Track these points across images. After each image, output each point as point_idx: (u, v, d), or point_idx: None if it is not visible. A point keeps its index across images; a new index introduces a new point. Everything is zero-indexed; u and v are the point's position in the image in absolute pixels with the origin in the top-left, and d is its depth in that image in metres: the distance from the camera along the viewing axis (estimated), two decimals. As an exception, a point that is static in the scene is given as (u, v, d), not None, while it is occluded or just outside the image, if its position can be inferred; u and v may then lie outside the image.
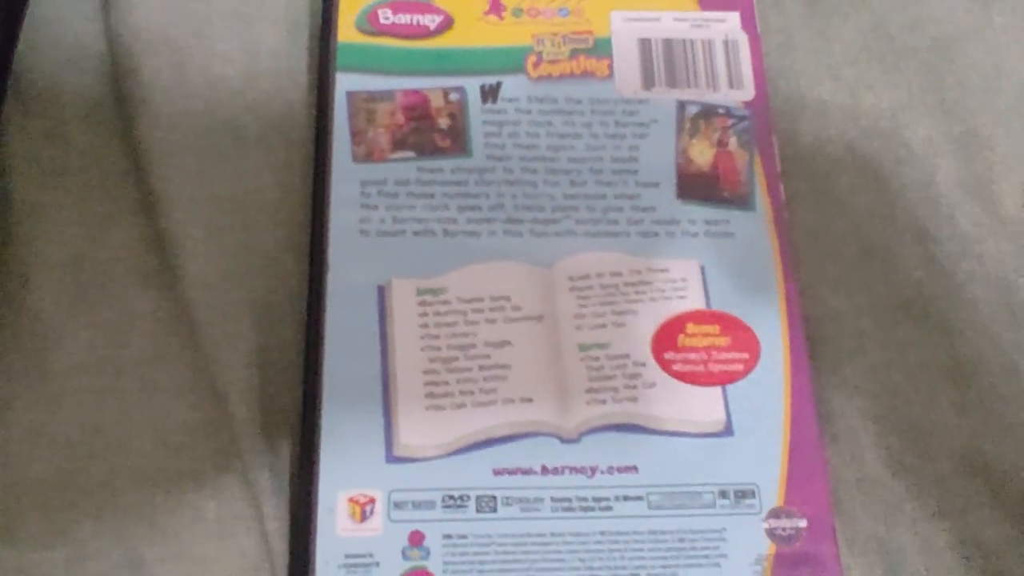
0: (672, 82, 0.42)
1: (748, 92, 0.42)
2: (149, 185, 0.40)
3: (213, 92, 0.42)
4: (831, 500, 0.37)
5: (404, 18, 0.43)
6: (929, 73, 0.44)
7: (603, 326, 0.39)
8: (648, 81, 0.42)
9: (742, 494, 0.37)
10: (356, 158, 0.41)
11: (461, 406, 0.37)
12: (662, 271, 0.40)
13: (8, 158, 0.41)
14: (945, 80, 0.44)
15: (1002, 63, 0.44)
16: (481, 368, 0.38)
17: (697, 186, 0.41)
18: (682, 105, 0.42)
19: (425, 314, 0.39)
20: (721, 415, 0.38)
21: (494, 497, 0.36)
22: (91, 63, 0.42)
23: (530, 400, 0.38)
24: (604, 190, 0.41)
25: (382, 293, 0.39)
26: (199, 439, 0.38)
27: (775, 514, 0.37)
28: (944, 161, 0.43)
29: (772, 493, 0.37)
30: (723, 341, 0.39)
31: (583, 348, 0.39)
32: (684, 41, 0.43)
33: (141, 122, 0.41)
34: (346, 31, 0.43)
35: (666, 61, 0.43)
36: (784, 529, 0.36)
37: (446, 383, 0.38)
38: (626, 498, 0.37)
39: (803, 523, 0.36)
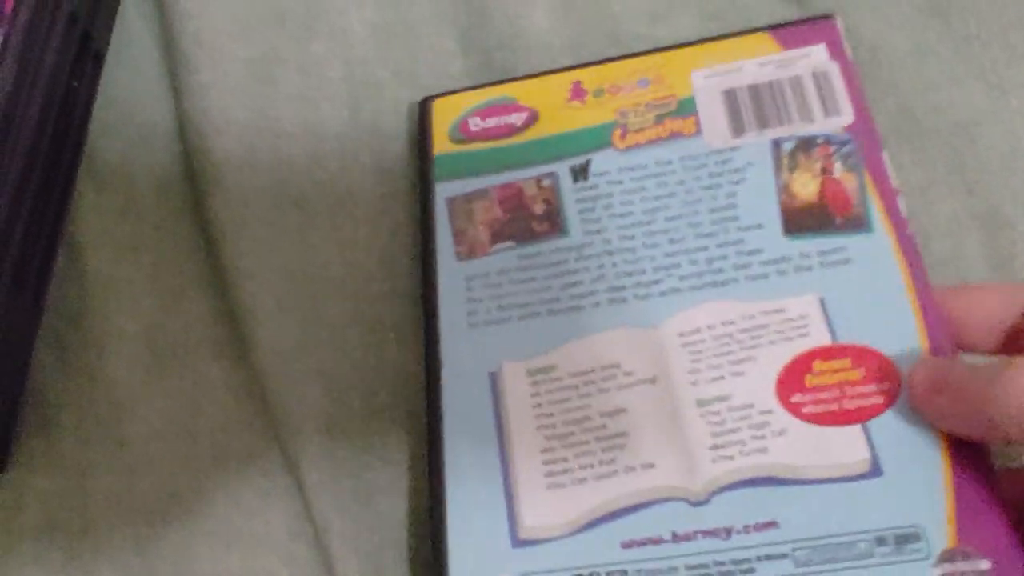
0: (763, 124, 0.41)
1: (847, 117, 0.41)
2: (220, 259, 0.42)
3: (280, 170, 0.44)
4: (1015, 532, 0.32)
5: (492, 121, 0.45)
6: (952, 154, 0.45)
7: (721, 378, 0.37)
8: (737, 129, 0.41)
9: (903, 539, 0.32)
10: (460, 257, 0.42)
11: (582, 481, 0.36)
12: (777, 312, 0.37)
13: (83, 233, 0.43)
14: (967, 161, 0.45)
15: (1019, 144, 0.45)
16: (598, 440, 0.37)
17: (805, 219, 0.39)
18: (777, 143, 0.41)
19: (537, 393, 0.38)
20: (865, 454, 0.34)
21: (625, 572, 0.34)
22: (162, 142, 0.45)
23: (652, 465, 0.36)
24: (705, 242, 0.39)
25: (494, 379, 0.39)
26: (272, 504, 0.39)
27: (948, 557, 0.32)
28: (969, 237, 0.43)
29: (940, 533, 0.32)
30: (856, 374, 0.35)
31: (702, 403, 0.36)
32: (770, 83, 0.42)
33: (213, 199, 0.43)
34: (441, 144, 0.44)
35: (754, 106, 0.42)
36: (963, 574, 0.32)
37: (564, 459, 0.37)
38: (768, 557, 0.33)
39: (985, 564, 0.32)
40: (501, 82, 0.45)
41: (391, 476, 0.40)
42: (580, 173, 0.42)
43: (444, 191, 0.43)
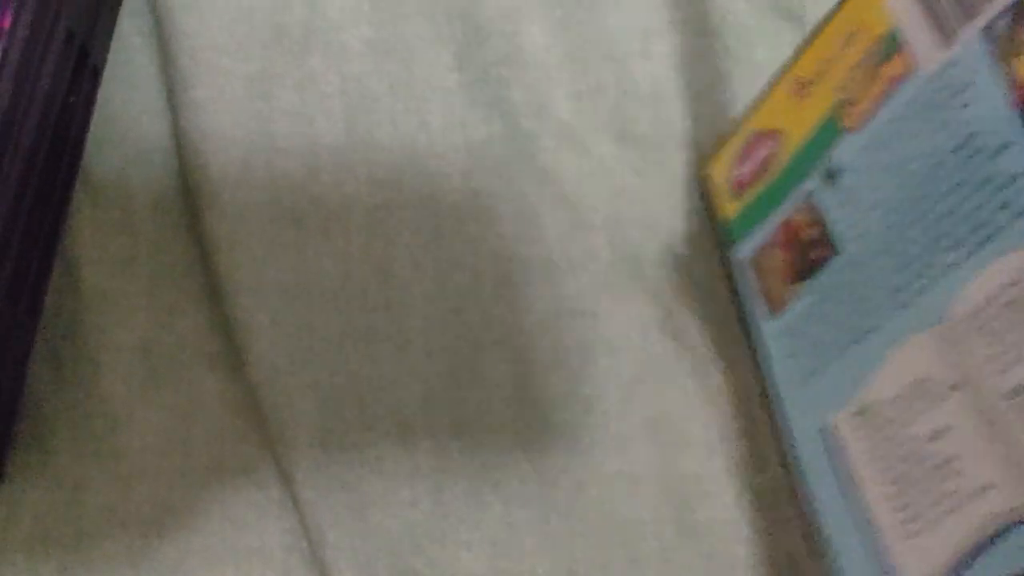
0: (968, 12, 0.31)
1: None
2: (216, 273, 0.42)
3: (276, 186, 0.44)
4: None
5: (750, 163, 0.42)
6: None
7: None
8: (945, 34, 0.32)
9: None
10: (768, 317, 0.41)
11: (935, 522, 0.32)
12: None
13: (78, 248, 0.42)
14: None
15: None
16: (931, 470, 0.32)
17: None
18: (986, 31, 0.30)
19: (865, 437, 0.35)
20: None
21: None
22: (158, 158, 0.44)
23: (989, 486, 0.30)
24: (956, 196, 0.31)
25: (824, 435, 0.37)
26: (266, 517, 0.39)
27: None
28: None
29: None
30: None
31: (1015, 393, 0.29)
32: None
33: (209, 214, 0.43)
34: (727, 207, 0.43)
35: None
36: None
37: (913, 503, 0.33)
38: None
39: None
40: (745, 116, 0.42)
41: (386, 488, 0.40)
42: (827, 178, 0.37)
43: (739, 252, 0.42)
